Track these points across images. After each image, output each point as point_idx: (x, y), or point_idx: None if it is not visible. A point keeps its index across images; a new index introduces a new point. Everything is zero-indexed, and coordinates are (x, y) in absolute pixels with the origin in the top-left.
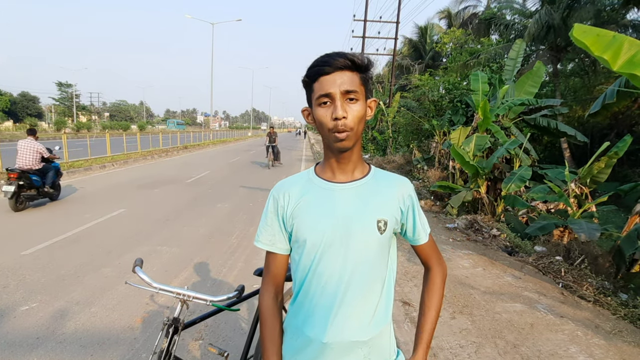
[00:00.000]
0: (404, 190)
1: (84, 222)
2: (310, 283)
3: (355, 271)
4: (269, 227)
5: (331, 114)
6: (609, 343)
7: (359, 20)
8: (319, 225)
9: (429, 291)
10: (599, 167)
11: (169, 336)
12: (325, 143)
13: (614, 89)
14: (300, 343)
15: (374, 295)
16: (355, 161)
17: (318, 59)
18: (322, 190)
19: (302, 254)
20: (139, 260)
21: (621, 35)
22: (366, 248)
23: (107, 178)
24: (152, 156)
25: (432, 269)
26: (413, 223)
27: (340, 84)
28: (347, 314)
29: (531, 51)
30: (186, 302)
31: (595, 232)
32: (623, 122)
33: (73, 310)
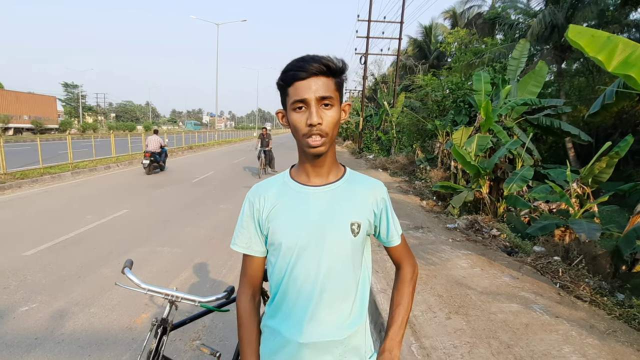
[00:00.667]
0: (377, 193)
1: (87, 222)
2: (287, 285)
3: (330, 273)
4: (245, 230)
5: (306, 119)
6: (603, 343)
7: (363, 21)
8: (293, 228)
9: (398, 288)
10: (601, 167)
11: (158, 337)
12: (299, 147)
13: (612, 89)
14: (278, 343)
15: (349, 296)
16: (329, 164)
17: (293, 62)
18: (297, 193)
19: (278, 257)
20: (129, 262)
21: (616, 36)
22: (340, 250)
23: (112, 178)
24: None
25: (402, 267)
26: (387, 225)
27: (315, 89)
28: (323, 315)
29: (535, 51)
30: (175, 303)
31: (596, 232)
32: (627, 121)
33: (72, 311)
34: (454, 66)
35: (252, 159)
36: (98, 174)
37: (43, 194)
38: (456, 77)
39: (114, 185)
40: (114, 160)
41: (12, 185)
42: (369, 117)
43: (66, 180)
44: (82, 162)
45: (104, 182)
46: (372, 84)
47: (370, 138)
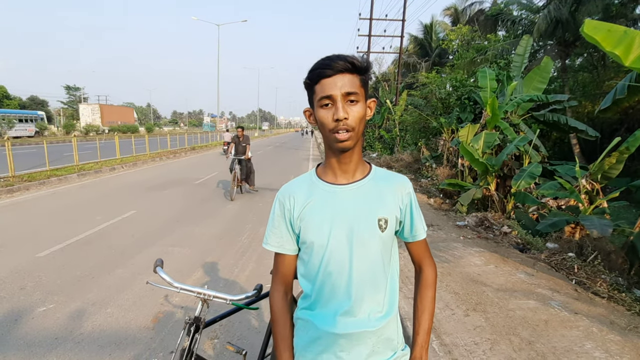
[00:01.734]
0: (403, 188)
1: (96, 224)
2: (321, 280)
3: (361, 268)
4: (277, 230)
5: (332, 115)
6: (625, 339)
7: (365, 19)
8: (324, 227)
9: (421, 293)
10: (610, 162)
11: (191, 335)
12: (326, 143)
13: (624, 83)
14: (312, 335)
15: (380, 290)
16: (356, 161)
17: (319, 61)
18: (326, 192)
19: (311, 254)
20: (160, 261)
21: (633, 30)
22: (369, 246)
23: (117, 180)
24: (161, 158)
25: (424, 269)
26: (411, 220)
27: (341, 86)
28: (356, 307)
29: (539, 47)
30: (207, 301)
31: (608, 228)
32: (633, 116)
33: (89, 311)
34: (457, 63)
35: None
36: (103, 175)
37: (51, 196)
38: (460, 74)
39: (120, 187)
40: (119, 162)
41: (20, 187)
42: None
43: (72, 182)
44: (87, 164)
45: (110, 183)
46: (373, 83)
47: (373, 137)
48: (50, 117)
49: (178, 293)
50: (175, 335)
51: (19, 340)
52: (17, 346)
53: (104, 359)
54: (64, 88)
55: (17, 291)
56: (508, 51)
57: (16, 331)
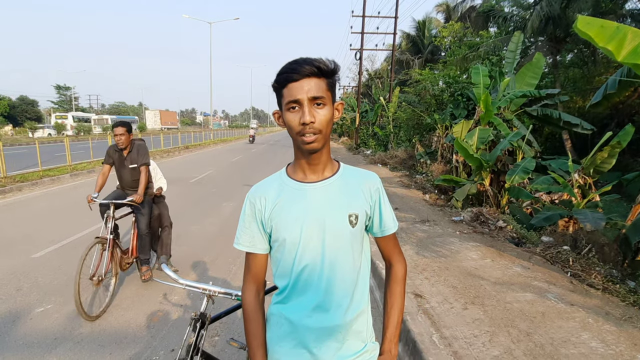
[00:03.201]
0: (371, 184)
1: (91, 224)
2: (294, 277)
3: (333, 263)
4: (248, 230)
5: (299, 118)
6: (620, 329)
7: (358, 16)
8: (296, 224)
9: (391, 288)
10: (602, 157)
11: (197, 331)
12: (295, 145)
13: (615, 78)
14: (285, 330)
15: (350, 284)
16: (324, 161)
17: (286, 65)
18: (296, 191)
19: (284, 252)
20: (164, 258)
21: (625, 26)
22: (340, 241)
23: (112, 179)
24: (154, 157)
25: (393, 265)
26: (380, 215)
27: (308, 90)
28: (327, 302)
29: (530, 43)
30: (212, 297)
31: (601, 221)
32: (623, 111)
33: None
34: (449, 60)
35: (249, 157)
36: (97, 175)
37: (44, 196)
38: (453, 70)
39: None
40: None
41: (12, 188)
42: (365, 113)
43: (65, 182)
44: (80, 164)
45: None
46: (366, 80)
47: (367, 134)
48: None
49: (180, 291)
50: (176, 333)
51: (18, 341)
52: (17, 347)
53: (104, 358)
54: (54, 87)
55: (14, 292)
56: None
57: (15, 332)
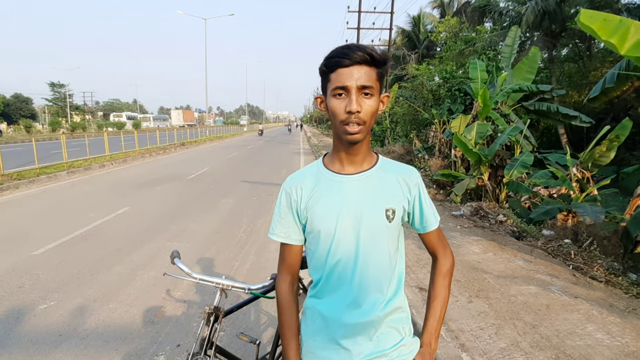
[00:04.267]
0: (411, 178)
1: (90, 221)
2: (328, 270)
3: (367, 258)
4: (283, 220)
5: (345, 106)
6: (625, 321)
7: (354, 12)
8: (331, 216)
9: (435, 280)
10: (601, 150)
11: (210, 324)
12: (335, 133)
13: (614, 72)
14: (319, 324)
15: (385, 280)
16: (364, 153)
17: (338, 49)
18: (332, 182)
19: (318, 244)
20: (176, 252)
21: (627, 20)
22: (376, 236)
23: (108, 177)
24: (150, 154)
25: (439, 258)
26: (420, 210)
27: (357, 78)
28: (361, 297)
29: (526, 38)
30: (225, 290)
31: (600, 214)
32: (619, 105)
33: (91, 307)
34: (445, 55)
35: (245, 154)
36: (93, 172)
37: (41, 194)
38: (449, 65)
39: (111, 184)
40: (108, 159)
41: (10, 186)
42: None
43: (62, 179)
44: (76, 161)
45: (100, 180)
46: None
47: None
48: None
49: (183, 286)
50: (181, 329)
51: (23, 337)
52: (21, 344)
53: (110, 353)
54: (49, 85)
55: (16, 290)
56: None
57: (19, 329)
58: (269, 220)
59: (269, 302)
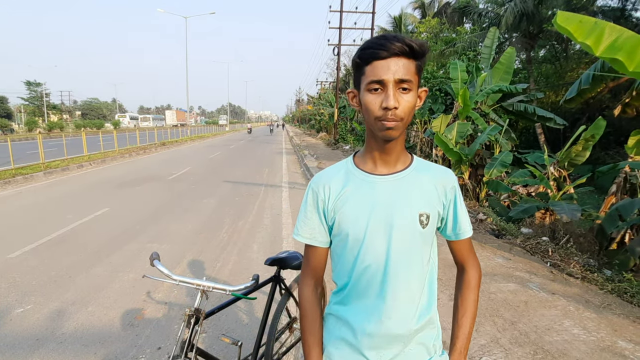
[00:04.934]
0: (447, 182)
1: (68, 222)
2: (355, 276)
3: (398, 266)
4: (309, 221)
5: (381, 102)
6: (600, 316)
7: (335, 12)
8: (361, 218)
9: (463, 294)
10: (577, 150)
11: (191, 327)
12: (369, 131)
13: (589, 73)
14: (343, 332)
15: (417, 291)
16: (398, 152)
17: (373, 39)
18: (364, 182)
19: (345, 247)
20: (156, 254)
21: (602, 21)
22: (408, 242)
23: (86, 177)
24: (130, 154)
25: (467, 270)
26: (454, 216)
27: (395, 71)
28: (390, 307)
29: (504, 39)
30: (205, 292)
31: (576, 212)
32: (594, 105)
33: (69, 311)
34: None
35: (228, 152)
36: (71, 173)
37: (17, 195)
38: (430, 65)
39: (90, 184)
40: (87, 159)
41: None
42: (343, 109)
43: (39, 180)
44: (53, 161)
45: (79, 181)
46: (344, 75)
47: (345, 129)
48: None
49: (163, 289)
50: (161, 331)
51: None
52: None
53: (89, 357)
54: (25, 84)
55: None
56: (476, 43)
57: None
58: (251, 221)
59: (251, 303)
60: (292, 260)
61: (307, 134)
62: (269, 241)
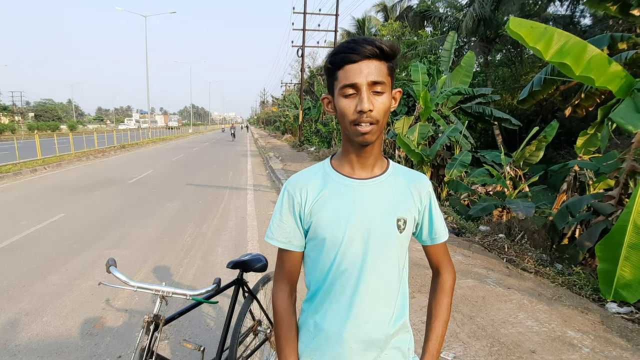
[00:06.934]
0: (422, 187)
1: (21, 230)
2: (330, 280)
3: (375, 270)
4: (284, 224)
5: (355, 105)
6: (552, 308)
7: (299, 13)
8: (339, 222)
9: (437, 298)
10: (531, 150)
11: (150, 333)
12: (345, 135)
13: (541, 77)
14: (319, 340)
15: (392, 294)
16: (375, 155)
17: (344, 43)
18: (342, 186)
19: (321, 252)
20: (112, 260)
21: (551, 27)
22: (386, 247)
23: (41, 182)
24: (88, 157)
25: (442, 274)
26: (430, 221)
27: (367, 74)
28: (367, 312)
29: (464, 42)
30: (165, 297)
31: (531, 209)
32: (547, 108)
33: (23, 321)
34: None
35: (191, 155)
36: (24, 177)
37: None
38: None
39: (44, 189)
40: (41, 163)
41: None
42: (307, 110)
43: None
44: (4, 165)
45: (32, 186)
46: (308, 77)
47: (310, 131)
48: None
49: (123, 296)
50: (121, 339)
51: None
52: None
53: None
54: None
55: None
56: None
57: None
58: (215, 224)
59: (213, 308)
60: (255, 263)
61: (272, 136)
62: (234, 244)
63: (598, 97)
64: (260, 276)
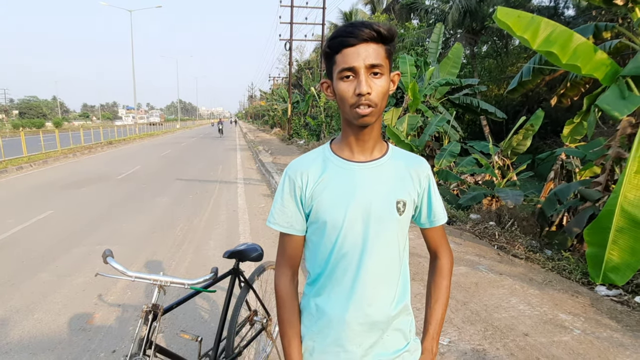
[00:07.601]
0: (421, 170)
1: (8, 228)
2: (332, 264)
3: (376, 252)
4: (286, 209)
5: (354, 89)
6: (543, 292)
7: (286, 6)
8: (339, 205)
9: (436, 281)
10: (518, 139)
11: (149, 323)
12: (345, 119)
13: (530, 66)
14: (322, 323)
15: (394, 276)
16: (375, 138)
17: (341, 28)
18: (342, 169)
19: (323, 235)
20: (108, 251)
21: (538, 17)
22: (386, 229)
23: (27, 179)
24: (74, 154)
25: (440, 257)
26: (429, 204)
27: (365, 57)
28: (368, 294)
29: (450, 34)
30: (163, 287)
31: (519, 198)
32: (533, 98)
33: (14, 319)
34: None
35: (180, 150)
36: (10, 175)
37: None
38: None
39: (31, 187)
40: (26, 160)
41: None
42: (296, 104)
43: None
44: None
45: (19, 183)
46: (296, 71)
47: (299, 124)
48: None
49: (116, 290)
50: (115, 334)
51: None
52: None
53: None
54: None
55: None
56: (423, 39)
57: None
58: (206, 218)
59: (207, 300)
60: (251, 252)
61: (261, 130)
62: (226, 237)
63: (582, 87)
64: (255, 267)
